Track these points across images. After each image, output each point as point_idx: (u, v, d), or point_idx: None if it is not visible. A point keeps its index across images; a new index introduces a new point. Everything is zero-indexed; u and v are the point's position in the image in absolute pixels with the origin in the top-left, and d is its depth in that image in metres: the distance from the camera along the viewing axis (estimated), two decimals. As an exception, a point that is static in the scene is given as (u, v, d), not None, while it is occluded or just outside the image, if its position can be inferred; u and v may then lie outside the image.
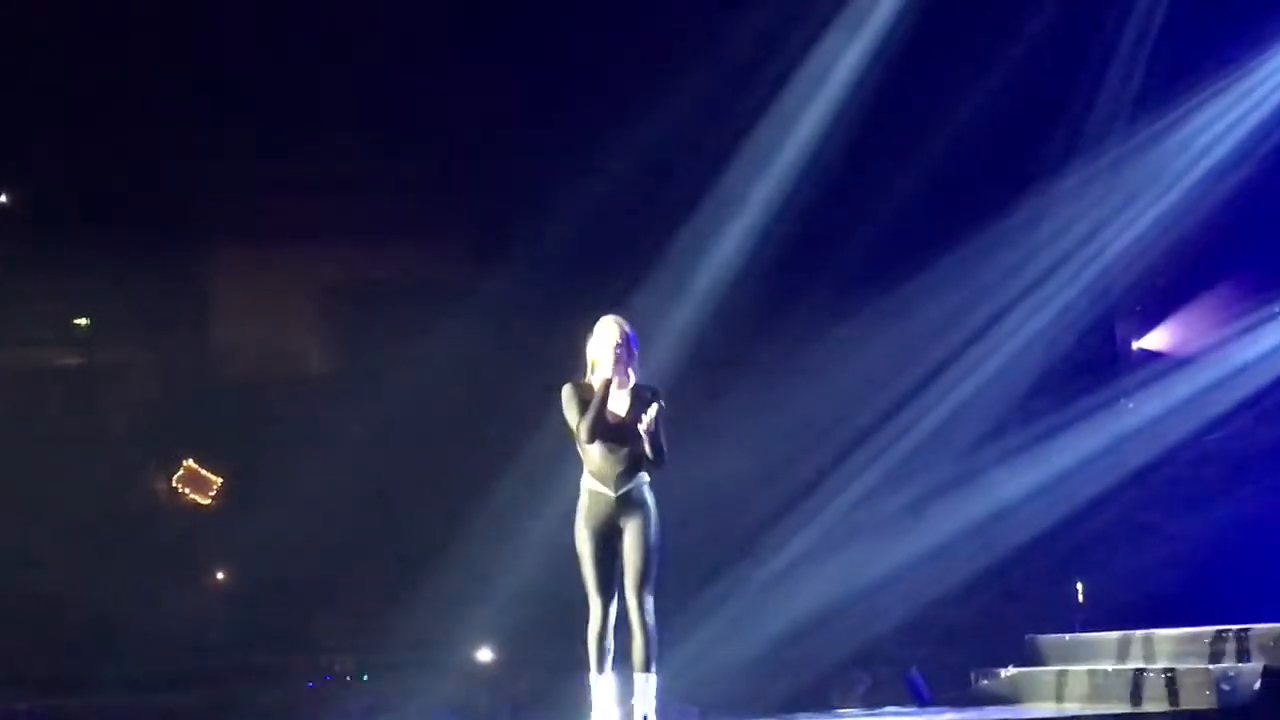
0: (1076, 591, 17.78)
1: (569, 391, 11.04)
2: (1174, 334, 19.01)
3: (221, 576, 17.84)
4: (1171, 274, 18.55)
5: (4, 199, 17.72)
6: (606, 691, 10.88)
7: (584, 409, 10.93)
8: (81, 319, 18.32)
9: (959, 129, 17.89)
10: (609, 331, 11.04)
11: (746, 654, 16.77)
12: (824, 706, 16.26)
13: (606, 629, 10.89)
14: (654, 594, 10.94)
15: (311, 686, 16.89)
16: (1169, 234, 18.11)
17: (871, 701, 16.30)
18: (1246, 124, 17.89)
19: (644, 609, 10.86)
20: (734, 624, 16.95)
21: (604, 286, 16.23)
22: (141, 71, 17.28)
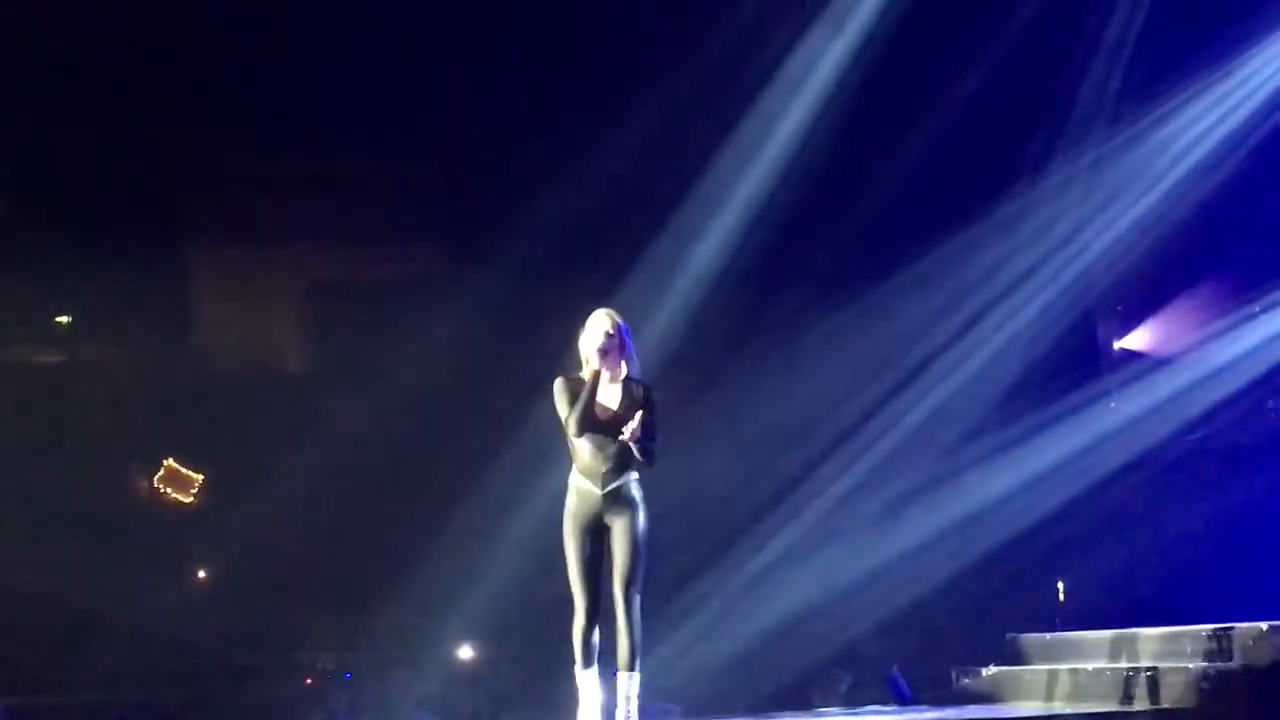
0: (1057, 590, 17.81)
1: (560, 385, 10.98)
2: (1155, 334, 19.05)
3: (203, 575, 17.80)
4: (1152, 274, 18.59)
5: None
6: (591, 688, 10.87)
7: (574, 402, 10.87)
8: (62, 317, 18.28)
9: (940, 128, 17.91)
10: (600, 324, 10.99)
11: (727, 653, 16.78)
12: (805, 706, 16.27)
13: (591, 626, 10.87)
14: (641, 593, 10.92)
15: (310, 683, 16.87)
16: (1150, 234, 18.16)
17: (852, 701, 16.30)
18: (1227, 125, 17.94)
19: (631, 607, 10.83)
20: (715, 623, 16.96)
21: (584, 287, 16.20)
22: (123, 69, 17.23)
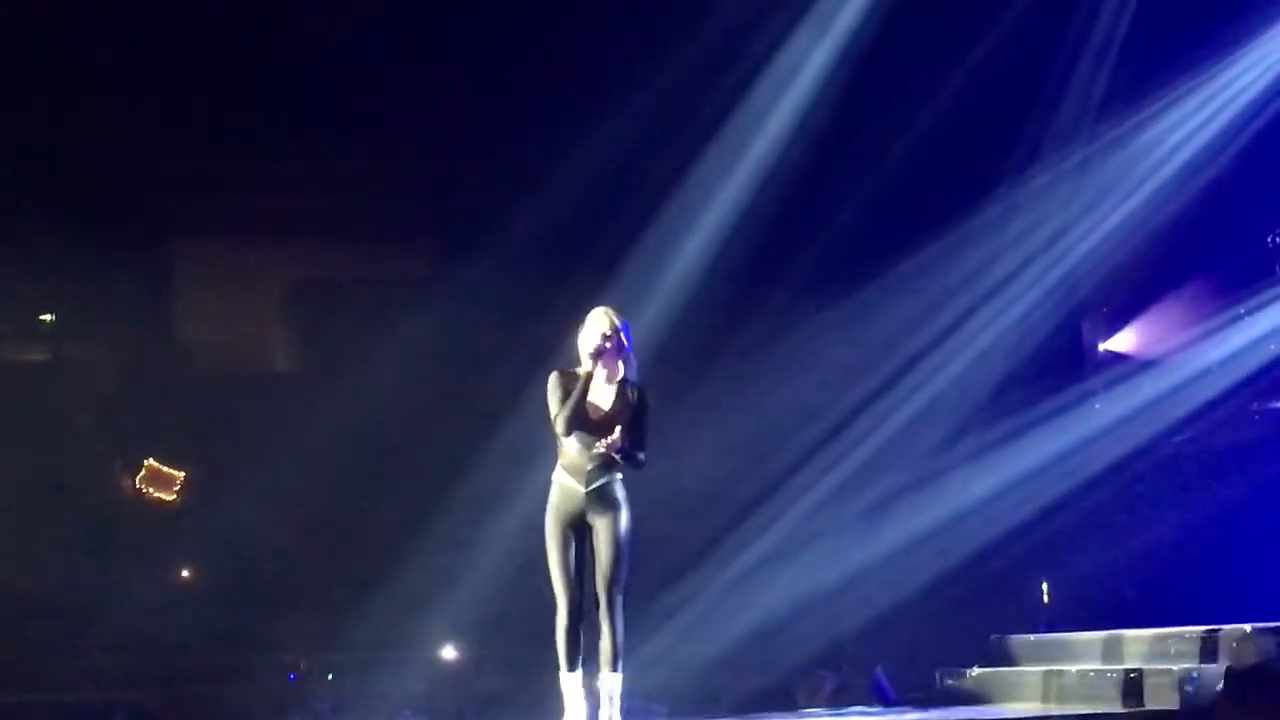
0: (1042, 592, 17.82)
1: (554, 380, 10.92)
2: (1140, 336, 19.06)
3: (187, 574, 17.77)
4: (1137, 276, 18.61)
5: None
6: (576, 691, 10.83)
7: (566, 399, 10.83)
8: (46, 315, 18.25)
9: (925, 129, 17.92)
10: (598, 324, 10.95)
11: (712, 653, 16.77)
12: (789, 706, 16.25)
13: (574, 625, 10.81)
14: (624, 593, 10.90)
15: (293, 678, 16.85)
16: (1134, 236, 18.17)
17: (837, 701, 16.29)
18: (1213, 126, 17.95)
19: (613, 608, 10.80)
20: (699, 623, 16.94)
21: (570, 286, 16.22)
22: (108, 67, 17.21)
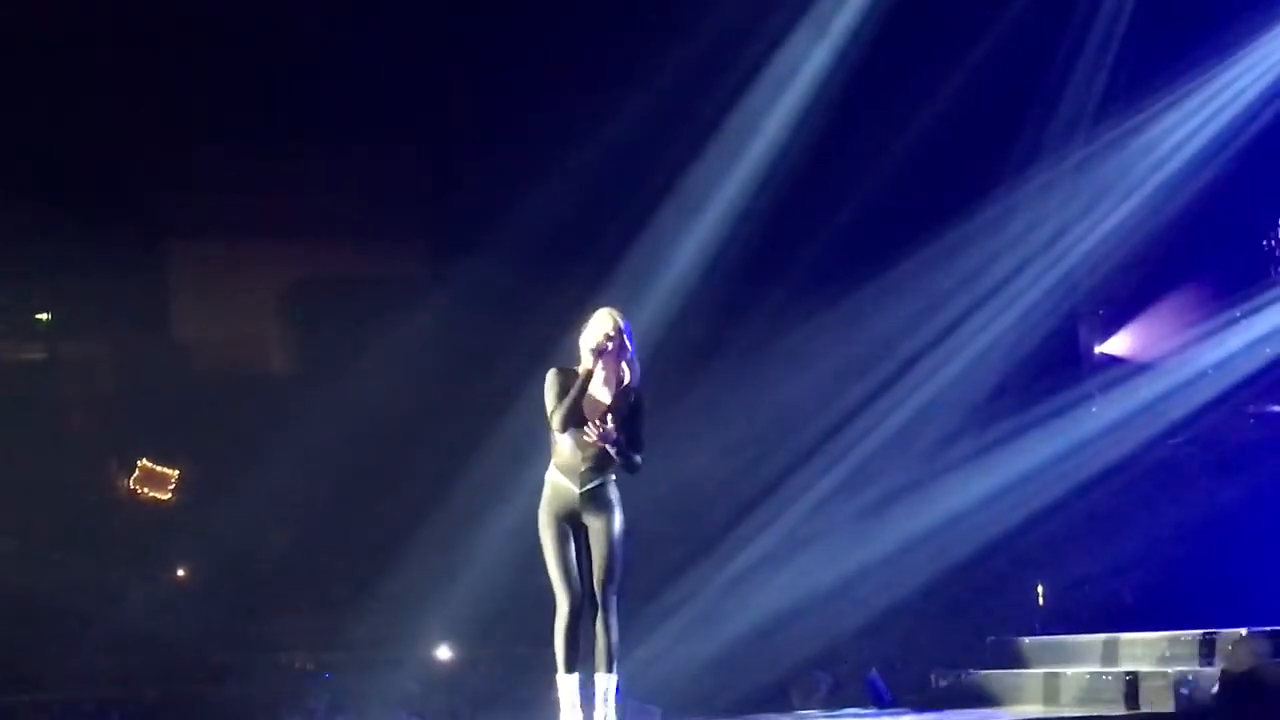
0: (1037, 594, 17.82)
1: (553, 376, 10.86)
2: (1136, 338, 19.06)
3: (182, 573, 17.77)
4: (1134, 278, 18.61)
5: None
6: (572, 694, 10.81)
7: (564, 395, 10.79)
8: (43, 314, 18.24)
9: (923, 130, 17.91)
10: (601, 324, 10.92)
11: (707, 654, 16.75)
12: (785, 707, 16.25)
13: (575, 622, 10.75)
14: (617, 594, 10.87)
15: (288, 682, 16.84)
16: (1132, 238, 18.17)
17: (832, 703, 16.30)
18: (1210, 129, 17.95)
19: (608, 609, 10.78)
20: (695, 624, 16.93)
21: (566, 286, 16.23)
22: (104, 67, 17.20)
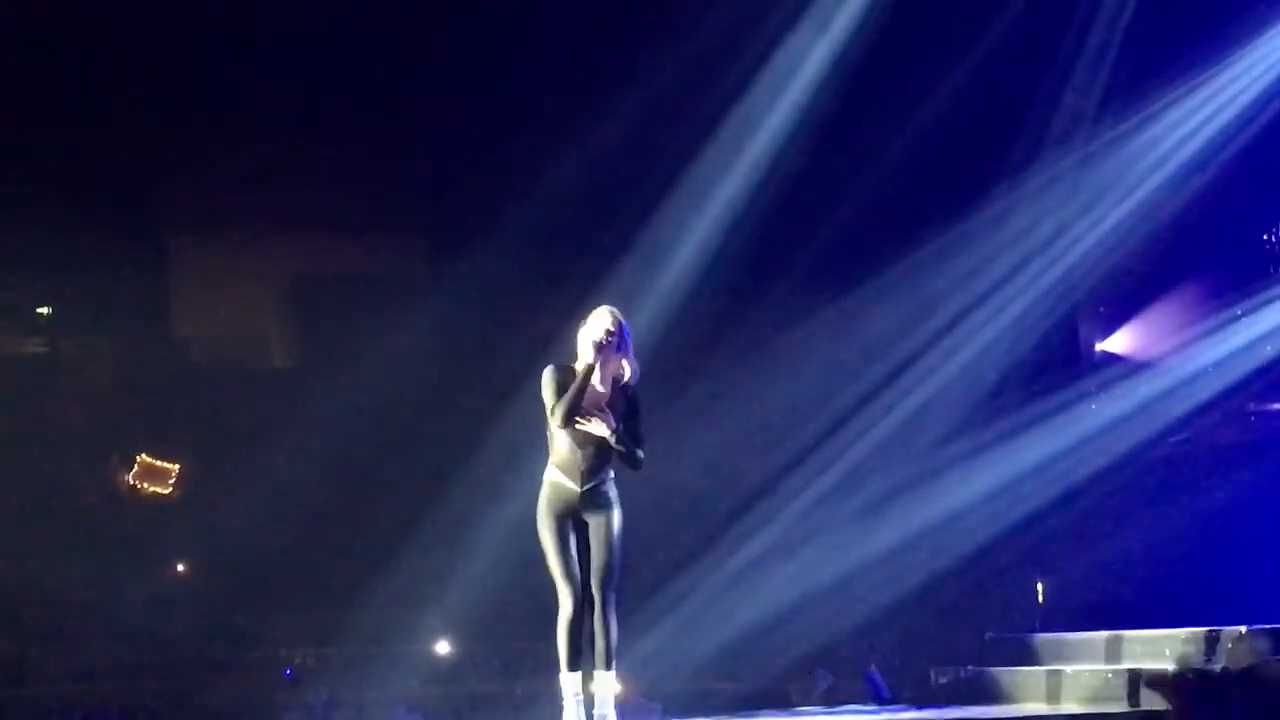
0: (1036, 591, 17.82)
1: (550, 373, 10.82)
2: (1136, 336, 19.07)
3: (182, 568, 17.79)
4: (1135, 276, 18.62)
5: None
6: (575, 691, 10.79)
7: (563, 391, 10.76)
8: (43, 308, 18.26)
9: (923, 129, 17.92)
10: (601, 321, 10.89)
11: (707, 651, 16.77)
12: (784, 704, 16.24)
13: (577, 623, 10.72)
14: (617, 592, 10.85)
15: (289, 674, 16.86)
16: (1132, 237, 18.18)
17: (831, 700, 16.29)
18: (1211, 127, 17.96)
19: (607, 606, 10.75)
20: (695, 621, 16.94)
21: (566, 283, 16.24)
22: (104, 61, 17.21)
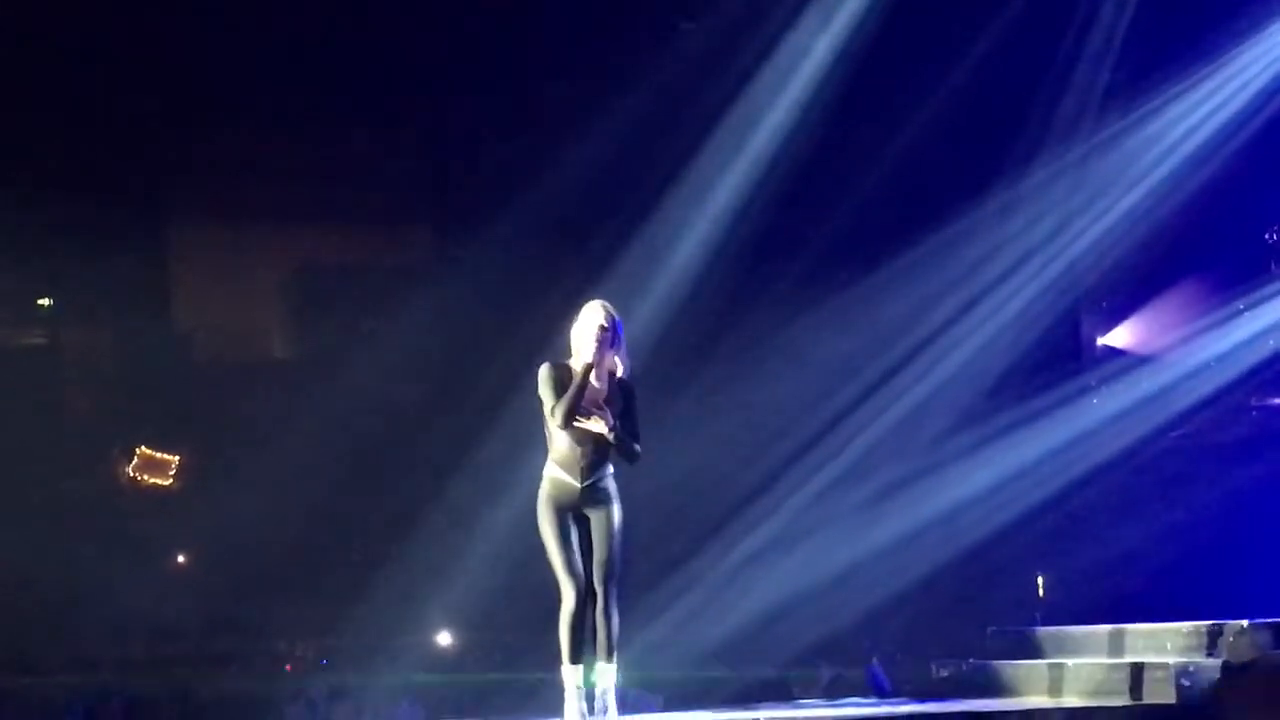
0: (1038, 585, 17.83)
1: (546, 371, 10.79)
2: (1138, 331, 19.07)
3: (182, 560, 17.80)
4: (1137, 270, 18.61)
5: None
6: (576, 684, 10.78)
7: (561, 390, 10.66)
8: (44, 299, 18.26)
9: (927, 122, 17.92)
10: (594, 316, 10.84)
11: (708, 644, 16.79)
12: (785, 697, 16.24)
13: (581, 612, 10.71)
14: (619, 585, 10.84)
15: (289, 669, 16.88)
16: (1135, 230, 18.17)
17: (833, 692, 16.29)
18: (1214, 122, 17.94)
19: (609, 600, 10.74)
20: (696, 614, 16.96)
21: (569, 275, 16.23)
22: (108, 53, 17.21)
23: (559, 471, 10.80)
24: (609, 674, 10.77)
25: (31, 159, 17.11)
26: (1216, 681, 12.76)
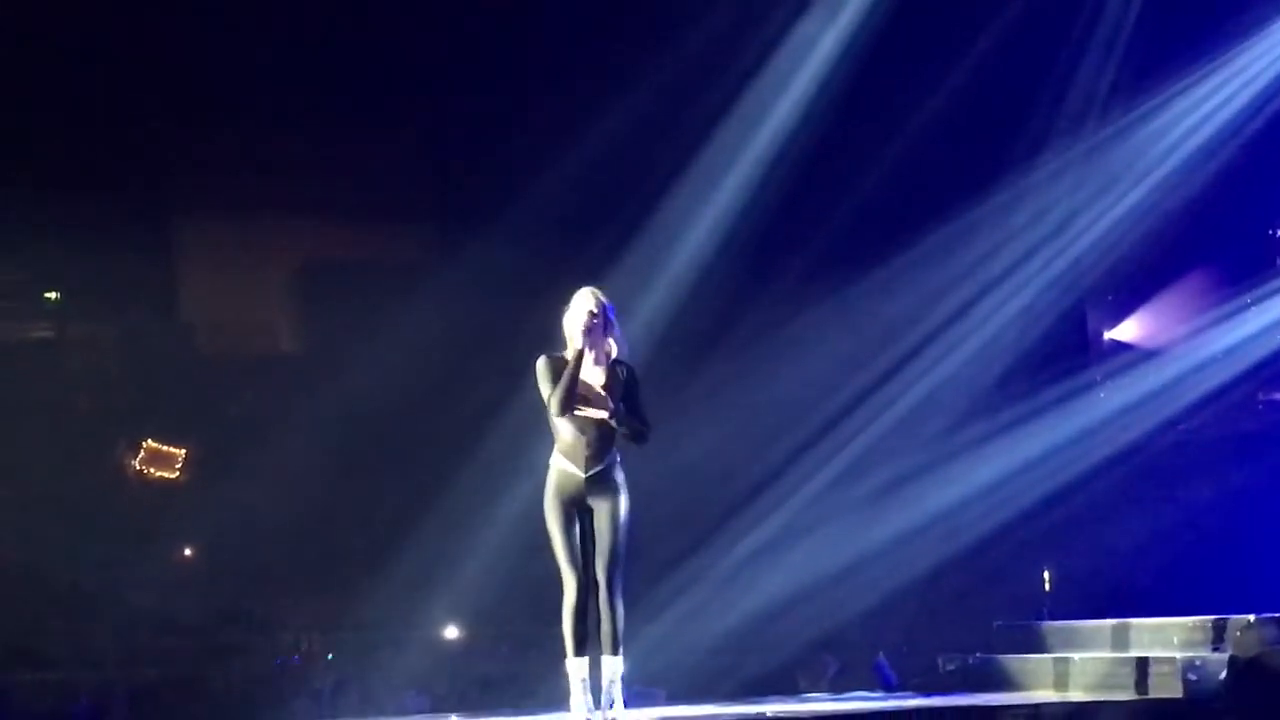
0: (1044, 579, 17.83)
1: (543, 364, 10.84)
2: (1145, 324, 19.07)
3: (189, 553, 17.80)
4: (1144, 265, 18.61)
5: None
6: (582, 676, 10.79)
7: (557, 381, 10.77)
8: (51, 292, 18.26)
9: (931, 118, 17.91)
10: (584, 303, 10.89)
11: (714, 637, 16.79)
12: (791, 691, 16.25)
13: (583, 605, 10.74)
14: (623, 576, 10.86)
15: (297, 660, 16.88)
16: (1141, 225, 18.17)
17: (838, 686, 16.30)
18: (1220, 116, 17.94)
19: (613, 591, 10.76)
20: (701, 607, 16.96)
21: (575, 269, 16.18)
22: (114, 45, 17.20)
23: (564, 462, 10.84)
24: (614, 667, 10.78)
25: (37, 155, 17.10)
26: (1223, 676, 12.79)
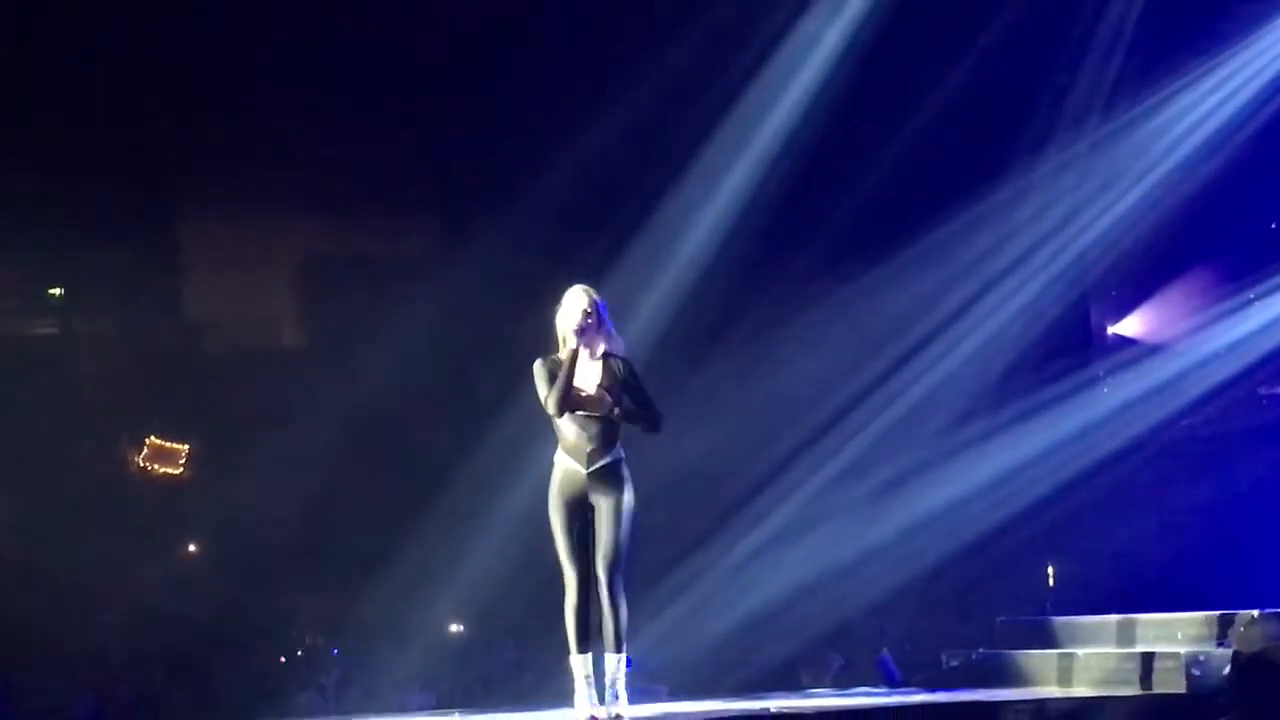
0: (1047, 575, 17.83)
1: (539, 366, 10.84)
2: (1148, 320, 19.06)
3: (193, 549, 17.82)
4: (1147, 260, 18.60)
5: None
6: (585, 673, 10.80)
7: (553, 382, 10.79)
8: (56, 289, 18.28)
9: (935, 114, 17.90)
10: (576, 301, 10.89)
11: (716, 634, 16.79)
12: (794, 687, 16.26)
13: (584, 603, 10.76)
14: (625, 573, 10.85)
15: (300, 657, 16.91)
16: (1145, 220, 18.16)
17: (842, 682, 16.30)
18: (1224, 111, 17.93)
19: (614, 588, 10.75)
20: (705, 603, 16.96)
21: (578, 265, 16.20)
22: (117, 43, 17.22)
23: (567, 460, 10.86)
24: (616, 664, 10.79)
25: (42, 149, 17.11)
26: (1227, 671, 12.79)
